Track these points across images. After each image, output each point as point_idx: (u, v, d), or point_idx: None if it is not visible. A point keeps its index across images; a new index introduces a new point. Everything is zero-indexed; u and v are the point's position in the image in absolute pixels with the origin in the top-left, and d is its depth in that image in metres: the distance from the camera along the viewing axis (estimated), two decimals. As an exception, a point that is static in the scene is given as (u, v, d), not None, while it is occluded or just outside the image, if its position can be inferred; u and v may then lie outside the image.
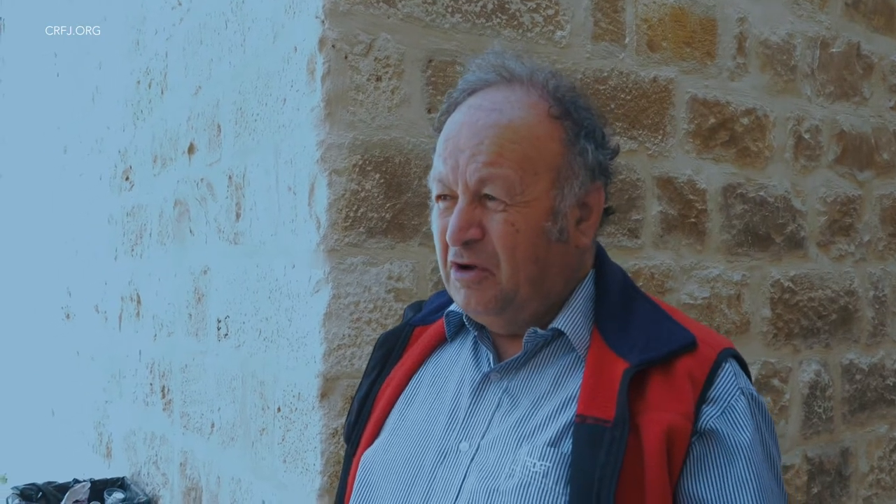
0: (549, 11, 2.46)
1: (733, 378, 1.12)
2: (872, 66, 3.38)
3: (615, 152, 1.25)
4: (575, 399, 1.12)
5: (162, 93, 3.48)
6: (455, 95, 1.23)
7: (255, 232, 2.53)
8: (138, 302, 3.81)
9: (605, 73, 2.58)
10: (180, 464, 3.20)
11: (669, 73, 2.74)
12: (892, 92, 3.47)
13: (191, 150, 3.10)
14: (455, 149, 1.16)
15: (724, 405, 1.09)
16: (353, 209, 2.13)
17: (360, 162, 2.14)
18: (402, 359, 1.36)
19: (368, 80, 2.16)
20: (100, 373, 4.47)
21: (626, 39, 2.64)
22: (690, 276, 2.78)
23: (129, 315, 3.95)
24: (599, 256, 1.28)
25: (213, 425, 2.85)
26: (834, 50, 3.23)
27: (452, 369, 1.29)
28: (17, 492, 3.47)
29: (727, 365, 1.13)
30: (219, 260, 2.83)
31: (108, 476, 3.82)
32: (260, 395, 2.48)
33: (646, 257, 2.67)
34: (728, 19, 2.90)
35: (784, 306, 3.04)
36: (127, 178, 4.02)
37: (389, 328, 2.11)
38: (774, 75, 3.03)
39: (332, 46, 2.12)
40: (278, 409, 2.35)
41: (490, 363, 1.24)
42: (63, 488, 3.54)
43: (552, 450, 1.10)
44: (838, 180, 3.25)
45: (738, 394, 1.11)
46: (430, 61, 2.25)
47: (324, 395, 2.11)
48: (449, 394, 1.25)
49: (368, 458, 1.27)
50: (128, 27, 3.99)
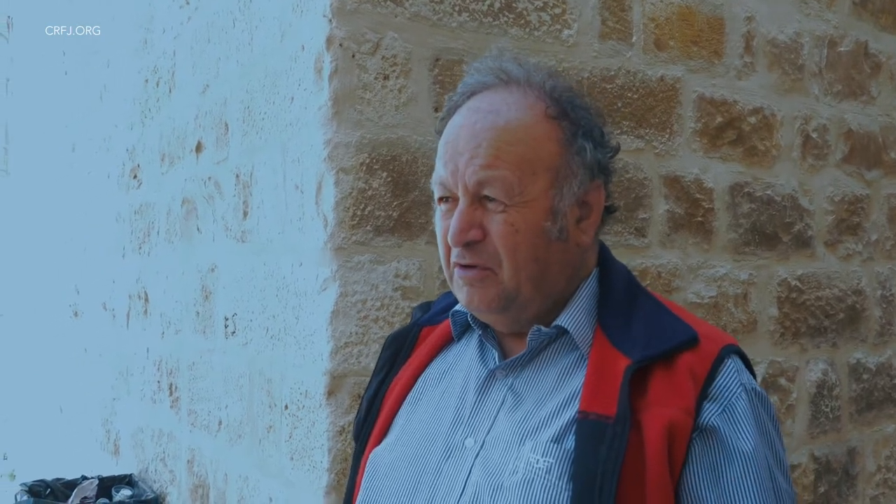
0: (557, 10, 2.47)
1: (735, 374, 1.12)
2: (880, 64, 3.38)
3: (615, 151, 1.26)
4: (578, 396, 1.13)
5: (170, 91, 3.49)
6: (454, 99, 1.24)
7: (263, 230, 2.54)
8: (146, 300, 3.82)
9: (613, 72, 2.58)
10: (188, 461, 3.21)
11: (677, 71, 2.74)
12: (900, 91, 3.46)
13: (198, 148, 3.11)
14: (454, 152, 1.18)
15: (725, 402, 1.10)
16: (361, 207, 2.13)
17: (367, 160, 2.14)
18: (410, 358, 1.37)
19: (376, 78, 2.17)
20: (108, 370, 4.48)
21: (634, 38, 2.64)
22: (697, 275, 2.78)
23: (136, 313, 3.97)
24: (603, 254, 1.29)
25: (220, 423, 2.86)
26: (842, 49, 3.23)
27: (458, 368, 1.30)
28: (26, 488, 3.49)
29: (729, 361, 1.14)
30: (226, 258, 2.84)
31: (116, 473, 3.83)
32: (267, 392, 2.49)
33: (653, 256, 2.66)
34: (735, 18, 2.89)
35: (791, 305, 3.04)
36: (135, 177, 4.03)
37: (397, 327, 2.12)
38: (782, 74, 3.02)
39: (340, 45, 2.12)
40: (285, 407, 2.35)
41: (495, 361, 1.25)
42: (71, 485, 3.56)
43: (555, 446, 1.11)
44: (846, 179, 3.24)
45: (739, 390, 1.11)
46: (438, 60, 2.26)
47: (331, 392, 2.12)
48: (455, 391, 1.27)
49: (376, 456, 1.28)
50: (136, 26, 4.00)
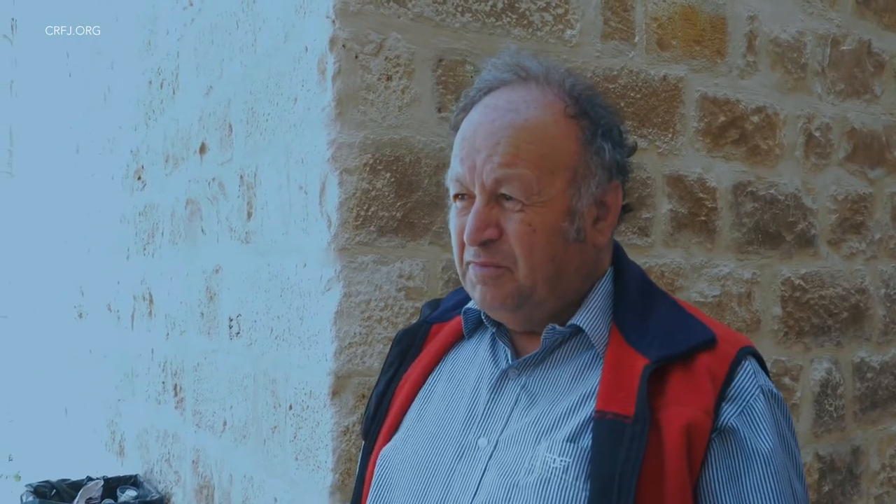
0: (559, 10, 2.47)
1: (753, 376, 1.12)
2: (883, 63, 3.37)
3: (632, 150, 1.25)
4: (593, 395, 1.12)
5: (174, 93, 3.50)
6: (472, 94, 1.23)
7: (267, 231, 2.54)
8: (150, 301, 3.83)
9: (615, 72, 2.59)
10: (192, 461, 3.22)
11: (679, 71, 2.74)
12: (903, 89, 3.46)
13: (202, 149, 3.12)
14: (472, 149, 1.16)
15: (744, 404, 1.09)
16: (364, 208, 2.14)
17: (370, 161, 2.15)
18: (420, 356, 1.36)
19: (379, 79, 2.17)
20: (112, 371, 4.49)
21: (636, 38, 2.64)
22: (701, 275, 2.78)
23: (141, 314, 3.98)
24: (617, 254, 1.28)
25: (225, 423, 2.87)
26: (844, 48, 3.23)
27: (470, 366, 1.29)
28: (32, 489, 3.50)
29: (746, 363, 1.13)
30: (230, 259, 2.84)
31: (121, 474, 3.84)
32: (272, 392, 2.49)
33: (656, 255, 2.67)
34: (738, 17, 2.90)
35: (795, 304, 3.04)
36: (139, 178, 4.04)
37: (402, 326, 2.13)
38: (785, 73, 3.02)
39: (343, 46, 2.13)
40: (290, 407, 2.36)
41: (508, 360, 1.24)
42: (76, 486, 3.57)
43: (571, 445, 1.10)
44: (849, 178, 3.24)
45: (757, 392, 1.11)
46: (441, 61, 2.26)
47: (335, 392, 2.12)
48: (467, 390, 1.26)
49: (386, 454, 1.27)
50: (139, 27, 4.01)
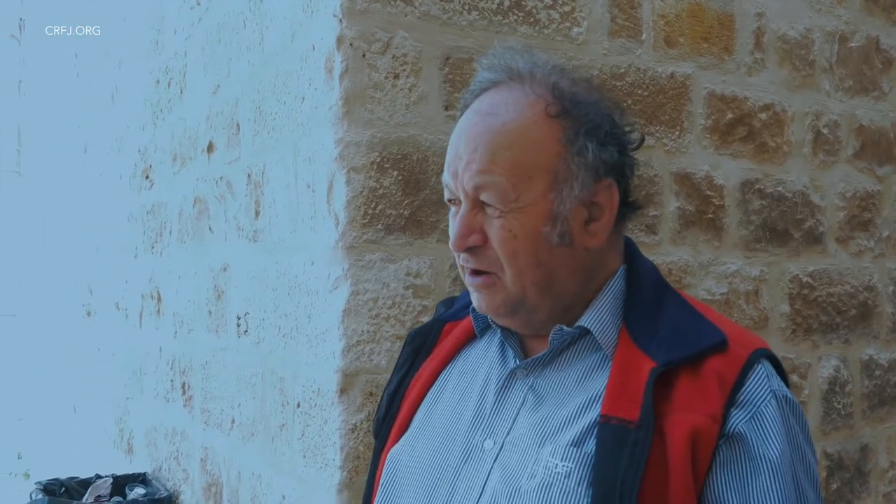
0: (566, 8, 2.47)
1: (765, 380, 1.09)
2: (892, 60, 3.36)
3: (637, 144, 1.22)
4: (600, 398, 1.11)
5: (181, 92, 3.51)
6: (466, 98, 1.22)
7: (275, 229, 2.55)
8: (159, 299, 3.84)
9: (622, 70, 2.58)
10: (201, 459, 3.23)
11: (687, 68, 2.74)
12: (911, 86, 3.45)
13: (210, 148, 3.13)
14: (455, 156, 1.16)
15: (754, 410, 1.07)
16: (372, 206, 2.14)
17: (378, 159, 2.15)
18: (432, 354, 1.35)
19: (386, 77, 2.18)
20: (121, 369, 4.51)
21: (643, 35, 2.64)
22: (708, 272, 2.77)
23: (149, 312, 3.99)
24: (630, 252, 1.25)
25: (233, 421, 2.88)
26: (853, 44, 3.22)
27: (480, 366, 1.28)
28: (41, 487, 3.51)
29: (759, 366, 1.10)
30: (238, 257, 2.85)
31: (130, 471, 3.86)
32: (280, 390, 2.50)
33: (663, 253, 2.66)
34: (746, 14, 2.89)
35: (803, 302, 3.03)
36: (147, 177, 4.05)
37: (409, 324, 2.13)
38: (793, 70, 3.02)
39: (350, 45, 2.13)
40: (298, 405, 2.37)
41: (516, 360, 1.23)
42: (85, 483, 3.58)
43: (575, 450, 1.08)
44: (857, 175, 3.23)
45: (768, 397, 1.08)
46: (448, 59, 2.26)
47: (343, 390, 2.13)
48: (475, 390, 1.25)
49: (395, 454, 1.27)
50: (147, 27, 4.02)
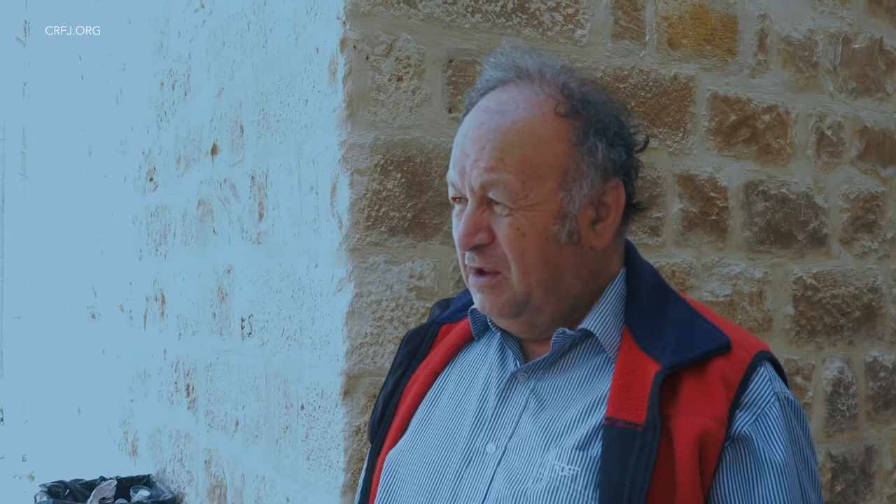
0: (570, 10, 2.47)
1: (768, 383, 1.10)
2: (895, 61, 3.36)
3: (642, 146, 1.22)
4: (604, 401, 1.10)
5: (185, 94, 3.52)
6: (472, 96, 1.22)
7: (278, 232, 2.55)
8: (163, 301, 3.85)
9: (626, 72, 2.59)
10: (205, 461, 3.23)
11: (690, 70, 2.74)
12: (915, 87, 3.44)
13: (214, 150, 3.13)
14: (462, 154, 1.16)
15: (759, 411, 1.07)
16: (375, 208, 2.14)
17: (381, 161, 2.16)
18: (428, 357, 1.35)
19: (390, 80, 2.18)
20: (125, 372, 4.51)
21: (647, 37, 2.64)
22: (712, 274, 2.77)
23: (153, 314, 4.00)
24: (630, 254, 1.25)
25: (237, 423, 2.88)
26: (856, 46, 3.21)
27: (479, 368, 1.28)
28: (45, 489, 3.52)
29: (762, 369, 1.11)
30: (242, 259, 2.85)
31: (134, 474, 3.86)
32: (283, 393, 2.50)
33: (667, 255, 2.66)
34: (749, 16, 2.89)
35: (807, 303, 3.03)
36: (151, 179, 4.06)
37: (413, 326, 2.13)
38: (796, 72, 3.01)
39: (354, 47, 2.14)
40: (302, 407, 2.37)
41: (516, 363, 1.23)
42: (90, 486, 3.59)
43: (581, 454, 1.08)
44: (861, 177, 3.23)
45: (772, 399, 1.08)
46: (451, 61, 2.27)
47: (347, 392, 2.13)
48: (475, 393, 1.24)
49: (393, 457, 1.26)
50: (151, 29, 4.03)
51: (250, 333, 2.77)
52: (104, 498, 3.50)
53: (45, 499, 3.42)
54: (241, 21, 2.86)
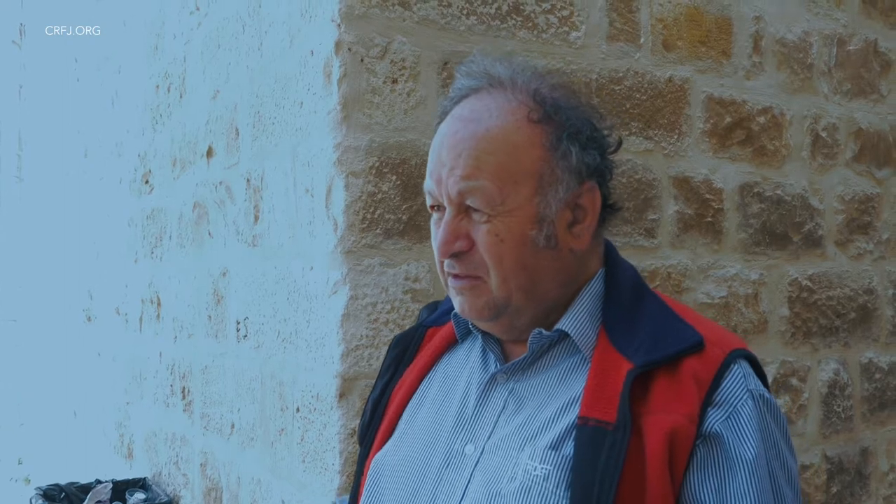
0: (564, 12, 2.47)
1: (742, 380, 1.10)
2: (890, 63, 3.37)
3: (616, 146, 1.23)
4: (578, 401, 1.11)
5: (180, 97, 3.52)
6: (445, 104, 1.22)
7: (274, 234, 2.55)
8: (158, 304, 3.84)
9: (621, 74, 2.59)
10: (201, 464, 3.23)
11: (685, 72, 2.74)
12: (910, 89, 3.45)
13: (209, 153, 3.13)
14: (438, 162, 1.16)
15: (730, 409, 1.08)
16: (370, 211, 2.14)
17: (376, 164, 2.16)
18: (415, 360, 1.36)
19: (384, 82, 2.18)
20: (121, 374, 4.51)
21: (642, 39, 2.64)
22: (707, 276, 2.78)
23: (149, 317, 3.99)
24: (610, 255, 1.26)
25: (233, 426, 2.88)
26: (851, 47, 3.22)
27: (462, 371, 1.29)
28: (41, 492, 3.51)
29: (735, 367, 1.11)
30: (237, 262, 2.85)
31: (130, 477, 3.86)
32: (279, 395, 2.50)
33: (662, 257, 2.67)
34: (743, 18, 2.89)
35: (802, 305, 3.03)
36: (146, 182, 4.05)
37: (405, 329, 2.13)
38: (791, 74, 3.02)
39: (349, 50, 2.14)
40: (297, 410, 2.37)
41: (497, 364, 1.24)
42: (85, 489, 3.58)
43: (553, 453, 1.09)
44: (856, 178, 3.23)
45: (745, 396, 1.09)
46: (446, 63, 2.27)
47: (342, 395, 2.13)
48: (457, 395, 1.25)
49: (379, 460, 1.27)
50: (147, 32, 4.03)
51: (246, 336, 2.76)
52: (100, 501, 3.49)
53: (40, 502, 3.41)
54: (237, 24, 2.86)
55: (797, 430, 2.97)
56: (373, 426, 1.34)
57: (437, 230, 1.18)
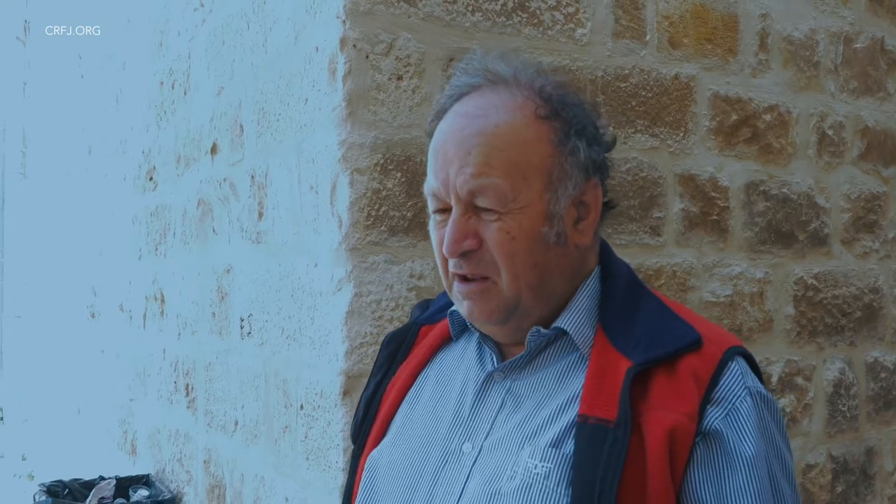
0: (570, 9, 2.46)
1: (740, 377, 1.10)
2: (897, 61, 3.35)
3: (612, 145, 1.23)
4: (577, 399, 1.11)
5: (185, 93, 3.51)
6: (442, 101, 1.20)
7: (278, 231, 2.55)
8: (162, 301, 3.84)
9: (627, 71, 2.58)
10: (204, 461, 3.23)
11: (691, 70, 2.73)
12: (917, 87, 3.43)
13: (213, 150, 3.13)
14: (444, 161, 1.14)
15: (729, 406, 1.08)
16: (375, 208, 2.14)
17: (381, 161, 2.15)
18: (408, 358, 1.35)
19: (389, 79, 2.17)
20: (125, 371, 4.51)
21: (648, 37, 2.63)
22: (713, 274, 2.77)
23: (153, 314, 3.99)
24: (605, 252, 1.26)
25: (236, 423, 2.88)
26: (857, 45, 3.21)
27: (457, 369, 1.28)
28: (44, 489, 3.51)
29: (733, 364, 1.11)
30: (242, 259, 2.85)
31: (133, 473, 3.86)
32: (283, 392, 2.49)
33: (668, 255, 2.66)
34: (750, 15, 2.88)
35: (808, 304, 3.02)
36: (151, 179, 4.05)
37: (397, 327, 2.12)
38: (797, 71, 3.01)
39: (354, 46, 2.13)
40: (301, 407, 2.36)
41: (494, 363, 1.23)
42: (89, 485, 3.58)
43: (553, 451, 1.09)
44: (862, 177, 3.22)
45: (743, 394, 1.09)
46: (451, 60, 2.26)
47: (346, 392, 2.12)
48: (453, 394, 1.25)
49: (374, 458, 1.26)
50: (151, 29, 4.03)
51: (250, 333, 2.76)
52: (103, 497, 3.50)
53: (44, 498, 3.42)
54: (241, 20, 2.86)
55: (802, 430, 2.96)
56: (366, 424, 1.33)
57: (440, 231, 1.17)
